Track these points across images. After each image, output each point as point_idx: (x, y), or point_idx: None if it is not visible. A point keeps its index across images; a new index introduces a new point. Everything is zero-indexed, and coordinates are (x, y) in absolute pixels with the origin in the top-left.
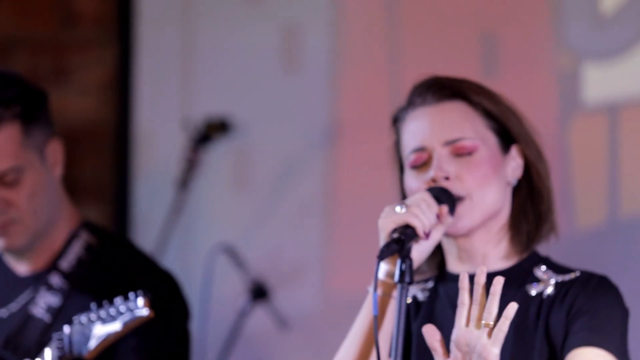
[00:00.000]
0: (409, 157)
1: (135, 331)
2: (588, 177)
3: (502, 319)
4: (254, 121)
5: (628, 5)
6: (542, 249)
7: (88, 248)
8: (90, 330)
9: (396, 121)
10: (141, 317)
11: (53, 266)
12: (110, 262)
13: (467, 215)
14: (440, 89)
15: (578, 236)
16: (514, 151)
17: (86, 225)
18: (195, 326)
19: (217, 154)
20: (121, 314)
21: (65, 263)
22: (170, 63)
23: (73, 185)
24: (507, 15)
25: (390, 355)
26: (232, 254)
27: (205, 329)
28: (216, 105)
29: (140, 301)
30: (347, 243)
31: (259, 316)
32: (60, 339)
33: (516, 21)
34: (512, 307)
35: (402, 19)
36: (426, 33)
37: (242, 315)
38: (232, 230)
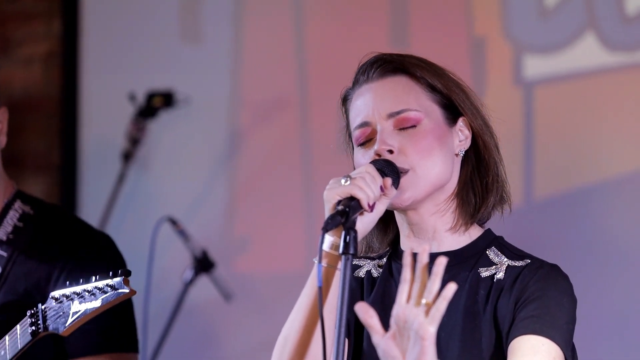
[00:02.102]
0: (354, 134)
1: None
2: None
3: (439, 298)
4: (197, 94)
5: None
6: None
7: (24, 217)
8: (68, 307)
9: (344, 102)
10: (124, 295)
11: None
12: (49, 229)
13: (411, 187)
14: (383, 64)
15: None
16: (461, 123)
17: (19, 195)
18: (140, 297)
19: (162, 126)
20: (102, 291)
21: (2, 233)
22: (115, 35)
23: (19, 157)
24: None
25: (335, 326)
26: (177, 227)
27: (150, 300)
28: (160, 78)
29: (120, 279)
30: (291, 214)
31: (204, 288)
32: (34, 315)
33: None
34: (451, 288)
35: None
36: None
37: (187, 287)
38: (177, 203)
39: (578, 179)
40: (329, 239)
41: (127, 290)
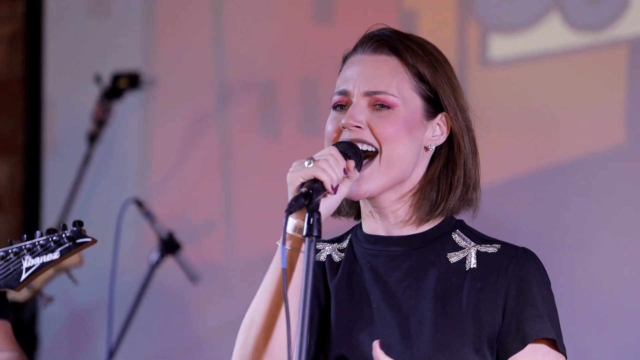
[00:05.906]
0: (333, 97)
1: None
2: None
3: None
4: (163, 76)
5: None
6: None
7: None
8: (18, 263)
9: (343, 61)
10: (87, 243)
11: None
12: None
13: (370, 180)
14: (381, 41)
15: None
16: (440, 119)
17: None
18: (106, 279)
19: (127, 108)
20: (59, 244)
21: None
22: (79, 16)
23: None
24: None
25: (299, 309)
26: (143, 208)
27: (116, 281)
28: (127, 59)
29: (77, 229)
30: (252, 197)
31: (170, 269)
32: None
33: None
34: None
35: None
36: None
37: (153, 269)
38: (143, 185)
39: (538, 160)
40: (292, 221)
41: (89, 239)
